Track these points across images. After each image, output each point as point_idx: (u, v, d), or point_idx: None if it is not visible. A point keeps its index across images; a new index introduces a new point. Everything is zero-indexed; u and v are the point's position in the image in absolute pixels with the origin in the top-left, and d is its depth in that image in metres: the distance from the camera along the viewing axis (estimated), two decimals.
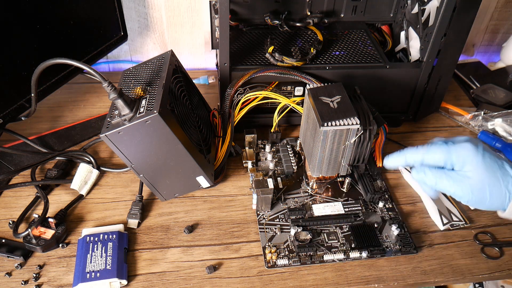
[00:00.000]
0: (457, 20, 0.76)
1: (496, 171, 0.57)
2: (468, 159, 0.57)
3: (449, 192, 0.59)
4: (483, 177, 0.57)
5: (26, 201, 0.72)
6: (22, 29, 0.70)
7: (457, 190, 0.58)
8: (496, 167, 0.57)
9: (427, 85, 0.85)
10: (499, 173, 0.57)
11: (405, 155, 0.62)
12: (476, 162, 0.57)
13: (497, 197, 0.57)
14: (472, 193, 0.57)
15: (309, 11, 0.92)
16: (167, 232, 0.69)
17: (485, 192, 0.57)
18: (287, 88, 0.83)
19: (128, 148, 0.62)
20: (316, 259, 0.65)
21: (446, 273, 0.65)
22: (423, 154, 0.60)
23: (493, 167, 0.57)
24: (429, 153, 0.60)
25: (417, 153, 0.61)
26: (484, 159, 0.57)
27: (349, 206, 0.73)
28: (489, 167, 0.57)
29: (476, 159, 0.57)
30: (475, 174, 0.57)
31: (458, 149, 0.58)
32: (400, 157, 0.63)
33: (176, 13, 1.00)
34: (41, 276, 0.62)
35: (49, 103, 0.93)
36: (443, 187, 0.59)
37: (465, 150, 0.58)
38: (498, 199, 0.57)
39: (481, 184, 0.57)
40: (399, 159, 0.63)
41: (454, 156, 0.58)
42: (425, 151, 0.60)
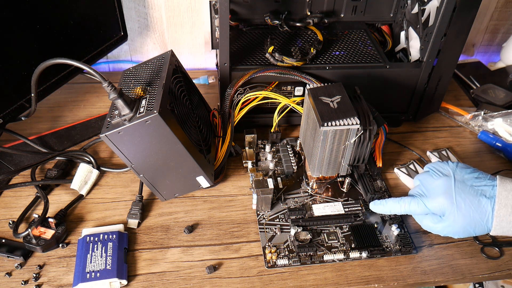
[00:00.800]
0: (457, 20, 0.76)
1: (474, 216, 0.62)
2: (446, 211, 0.63)
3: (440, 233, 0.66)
4: (463, 224, 0.62)
5: (26, 201, 0.72)
6: (22, 29, 0.70)
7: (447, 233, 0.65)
8: (473, 211, 0.62)
9: (427, 85, 0.85)
10: (477, 215, 0.62)
11: (389, 208, 0.69)
12: (453, 214, 0.63)
13: (480, 231, 0.63)
14: (458, 234, 0.65)
15: (309, 11, 0.92)
16: (167, 232, 0.69)
17: (469, 232, 0.64)
18: (287, 88, 0.83)
19: (128, 148, 0.62)
20: (316, 259, 0.65)
21: (446, 273, 0.65)
22: (405, 209, 0.67)
23: (469, 213, 0.62)
24: (410, 209, 0.66)
25: (399, 207, 0.67)
26: (459, 209, 0.62)
27: (349, 206, 0.73)
28: (466, 215, 0.62)
29: (452, 211, 0.63)
30: (456, 223, 0.63)
31: (434, 204, 0.64)
32: (384, 209, 0.69)
33: (176, 13, 1.00)
34: (41, 276, 0.62)
35: (49, 103, 0.93)
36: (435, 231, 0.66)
37: (440, 204, 0.64)
38: (482, 231, 0.64)
39: (464, 229, 0.63)
40: (384, 210, 0.69)
41: (432, 210, 0.65)
42: (406, 206, 0.67)
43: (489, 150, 0.88)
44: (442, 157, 0.84)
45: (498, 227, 0.61)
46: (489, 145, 0.88)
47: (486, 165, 0.84)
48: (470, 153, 0.87)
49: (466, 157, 0.86)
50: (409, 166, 0.81)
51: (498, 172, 0.81)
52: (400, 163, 0.83)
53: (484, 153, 0.87)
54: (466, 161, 0.84)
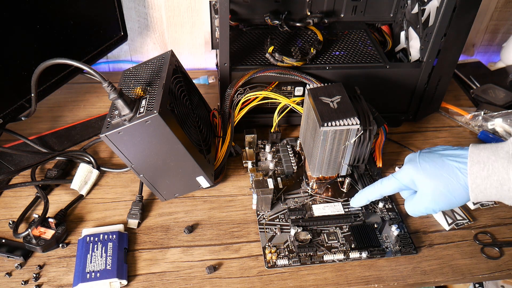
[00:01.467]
0: (457, 20, 0.76)
1: (441, 173, 0.60)
2: (414, 177, 0.62)
3: (423, 210, 0.63)
4: (434, 185, 0.60)
5: (26, 201, 0.72)
6: (22, 29, 0.70)
7: (427, 207, 0.62)
8: (439, 169, 0.60)
9: (427, 85, 0.85)
10: (445, 172, 0.59)
11: (365, 195, 0.69)
12: (420, 178, 0.61)
13: (458, 193, 0.59)
14: (437, 203, 0.61)
15: (309, 11, 0.92)
16: (167, 232, 0.69)
17: (446, 195, 0.60)
18: (287, 88, 0.83)
19: (128, 148, 0.62)
20: (316, 259, 0.65)
21: (446, 273, 0.65)
22: (379, 189, 0.67)
23: (436, 171, 0.60)
24: (383, 187, 0.66)
25: (374, 190, 0.67)
26: (425, 170, 0.61)
27: (349, 206, 0.73)
28: (433, 174, 0.60)
29: (418, 174, 0.61)
30: (427, 187, 0.61)
31: (402, 174, 0.63)
32: (362, 197, 0.69)
33: (176, 13, 1.00)
34: (41, 276, 0.62)
35: (49, 103, 0.93)
36: (417, 210, 0.64)
37: (406, 171, 0.63)
38: (461, 194, 0.59)
39: (438, 190, 0.60)
40: (361, 199, 0.69)
41: (402, 181, 0.63)
42: (379, 186, 0.67)
43: None
44: None
45: (474, 186, 0.57)
46: None
47: None
48: None
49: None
50: None
51: None
52: (400, 163, 0.83)
53: None
54: None
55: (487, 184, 0.56)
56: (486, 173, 0.56)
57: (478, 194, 0.58)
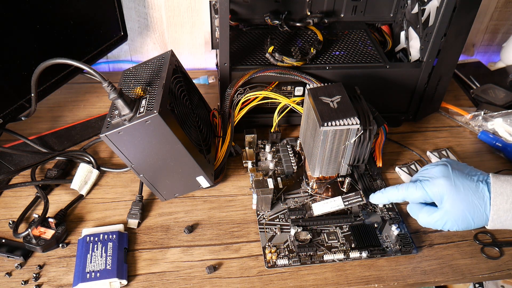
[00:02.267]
0: (457, 20, 0.76)
1: (472, 199, 0.61)
2: (445, 196, 0.62)
3: (439, 227, 0.64)
4: (462, 208, 0.61)
5: (26, 201, 0.72)
6: (22, 29, 0.70)
7: (445, 225, 0.63)
8: (471, 194, 0.61)
9: (427, 85, 0.85)
10: (476, 199, 0.61)
11: (387, 196, 0.68)
12: (452, 197, 0.61)
13: (479, 220, 0.62)
14: (457, 224, 0.62)
15: (309, 11, 0.92)
16: (167, 232, 0.69)
17: (468, 219, 0.62)
18: (287, 88, 0.83)
19: (128, 148, 0.62)
20: (316, 259, 0.65)
21: (446, 273, 0.65)
22: (403, 194, 0.66)
23: (468, 196, 0.61)
24: (408, 194, 0.66)
25: (397, 193, 0.67)
26: (458, 191, 0.61)
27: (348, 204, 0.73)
28: (465, 198, 0.61)
29: (451, 193, 0.61)
30: (455, 208, 0.61)
31: (433, 188, 0.63)
32: (383, 197, 0.69)
33: (176, 13, 1.00)
34: (41, 276, 0.62)
35: (49, 103, 0.93)
36: (432, 224, 0.65)
37: (439, 187, 0.62)
38: (481, 221, 0.62)
39: (463, 215, 0.61)
40: (382, 199, 0.69)
41: (431, 194, 0.63)
42: (404, 191, 0.66)
43: (489, 150, 0.88)
44: (442, 157, 0.84)
45: (495, 216, 0.59)
46: (489, 145, 0.88)
47: (486, 165, 0.84)
48: (470, 153, 0.87)
49: (466, 157, 0.86)
50: (410, 166, 0.81)
51: (498, 172, 0.81)
52: (400, 163, 0.83)
53: (484, 153, 0.87)
54: (466, 161, 0.84)
55: (508, 216, 0.59)
56: (509, 206, 0.58)
57: (497, 224, 0.60)
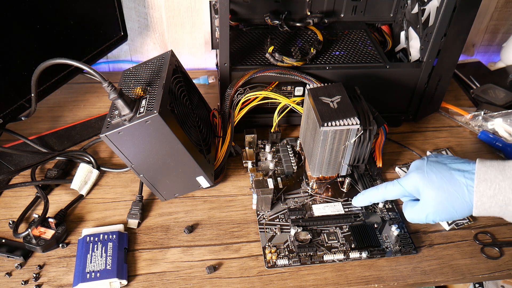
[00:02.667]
0: (457, 20, 0.76)
1: (447, 188, 0.60)
2: (419, 188, 0.62)
3: (423, 219, 0.63)
4: (439, 198, 0.60)
5: (26, 201, 0.72)
6: (22, 29, 0.70)
7: (428, 216, 0.62)
8: (446, 183, 0.60)
9: (427, 85, 0.85)
10: (451, 187, 0.59)
11: (368, 197, 0.69)
12: (425, 188, 0.61)
13: (461, 208, 0.60)
14: (439, 215, 0.61)
15: (309, 11, 0.92)
16: (167, 232, 0.69)
17: (448, 208, 0.60)
18: (287, 88, 0.83)
19: (128, 148, 0.62)
20: (316, 259, 0.65)
21: (446, 273, 0.65)
22: (382, 193, 0.67)
23: (443, 185, 0.60)
24: (387, 191, 0.66)
25: (377, 192, 0.68)
26: (431, 181, 0.60)
27: (349, 206, 0.73)
28: (440, 187, 0.60)
29: (424, 184, 0.61)
30: (431, 199, 0.61)
31: (407, 181, 0.63)
32: (364, 199, 0.70)
33: (176, 13, 1.00)
34: (41, 276, 0.62)
35: (49, 103, 0.93)
36: (417, 218, 0.64)
37: (412, 179, 0.63)
38: (464, 209, 0.60)
39: (441, 204, 0.60)
40: (364, 200, 0.70)
41: (407, 188, 0.64)
42: (383, 190, 0.67)
43: (489, 150, 0.88)
44: None
45: (479, 203, 0.57)
46: (489, 145, 0.88)
47: None
48: (470, 153, 0.87)
49: (466, 157, 0.85)
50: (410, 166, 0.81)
51: None
52: (400, 163, 0.83)
53: (484, 153, 0.87)
54: None
55: (492, 202, 0.57)
56: (492, 192, 0.56)
57: (481, 211, 0.58)
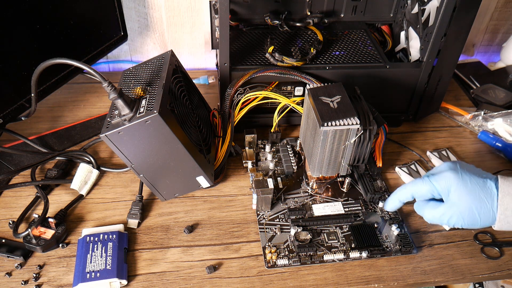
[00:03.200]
0: (457, 20, 0.76)
1: (479, 193, 0.60)
2: (451, 188, 0.61)
3: (445, 221, 0.63)
4: (469, 202, 0.60)
5: (26, 201, 0.72)
6: (22, 29, 0.70)
7: (450, 218, 0.62)
8: (479, 189, 0.60)
9: (427, 85, 0.85)
10: (483, 194, 0.60)
11: (398, 197, 0.68)
12: (458, 189, 0.61)
13: (485, 217, 0.60)
14: (463, 219, 0.61)
15: (309, 11, 0.92)
16: (167, 232, 0.69)
17: (474, 215, 0.61)
18: (287, 88, 0.83)
19: (128, 148, 0.62)
20: (316, 259, 0.65)
21: (446, 273, 0.65)
22: (411, 190, 0.66)
23: (475, 190, 0.60)
24: (416, 190, 0.65)
25: (405, 191, 0.66)
26: (465, 184, 0.61)
27: (349, 206, 0.73)
28: (472, 191, 0.60)
29: (458, 185, 0.61)
30: (461, 201, 0.60)
31: (440, 180, 0.63)
32: (394, 200, 0.68)
33: (176, 13, 1.00)
34: (41, 276, 0.62)
35: (49, 103, 0.93)
36: (438, 219, 0.64)
37: (447, 178, 0.62)
38: (488, 219, 0.61)
39: (469, 208, 0.60)
40: (395, 201, 0.69)
41: (438, 187, 0.63)
42: (412, 187, 0.66)
43: (489, 150, 0.88)
44: (442, 157, 0.84)
45: (502, 216, 0.59)
46: (489, 145, 0.88)
47: (486, 165, 0.84)
48: (470, 153, 0.87)
49: (466, 157, 0.86)
50: (410, 166, 0.81)
51: (498, 172, 0.81)
52: (400, 163, 0.83)
53: (484, 153, 0.87)
54: (466, 161, 0.84)
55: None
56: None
57: (504, 224, 0.59)
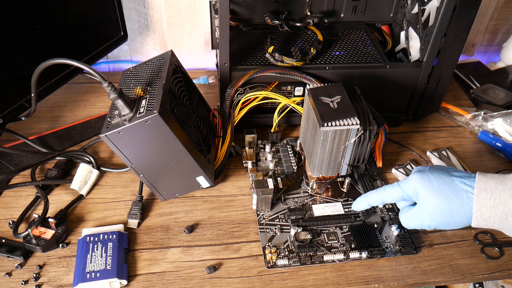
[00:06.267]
0: (457, 20, 0.76)
1: (447, 192, 0.59)
2: (418, 189, 0.61)
3: (419, 223, 0.62)
4: (437, 201, 0.59)
5: (26, 201, 0.72)
6: (22, 29, 0.70)
7: (423, 222, 0.61)
8: (446, 187, 0.59)
9: (427, 85, 0.85)
10: (451, 192, 0.58)
11: (367, 200, 0.67)
12: (424, 189, 0.60)
13: (459, 215, 0.58)
14: (434, 220, 0.60)
15: (309, 11, 0.92)
16: (167, 232, 0.69)
17: (445, 214, 0.59)
18: (287, 88, 0.83)
19: (128, 148, 0.62)
20: (316, 259, 0.65)
21: (446, 273, 0.65)
22: (381, 195, 0.65)
23: (442, 189, 0.59)
24: (386, 194, 0.65)
25: (376, 195, 0.66)
26: (431, 184, 0.60)
27: (349, 206, 0.73)
28: (439, 190, 0.59)
29: (423, 185, 0.60)
30: (428, 200, 0.60)
31: (407, 183, 0.62)
32: (363, 201, 0.68)
33: (176, 13, 1.00)
34: (41, 276, 0.62)
35: (49, 103, 0.93)
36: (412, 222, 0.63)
37: (412, 181, 0.62)
38: (462, 217, 0.58)
39: (438, 208, 0.59)
40: (363, 203, 0.68)
41: (406, 190, 0.63)
42: (382, 192, 0.65)
43: (489, 150, 0.88)
44: (442, 157, 0.84)
45: (478, 213, 0.57)
46: (489, 145, 0.88)
47: (486, 165, 0.84)
48: (470, 153, 0.87)
49: (466, 157, 0.86)
50: (406, 166, 0.81)
51: (498, 172, 0.81)
52: (400, 163, 0.83)
53: (484, 153, 0.87)
54: (466, 161, 0.84)
55: (492, 213, 0.56)
56: (492, 202, 0.56)
57: (481, 221, 0.57)
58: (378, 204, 0.68)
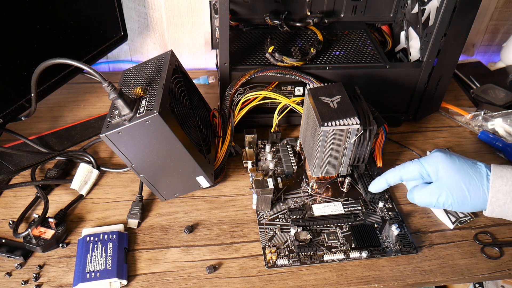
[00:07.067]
0: (457, 20, 0.76)
1: (468, 170, 0.61)
2: (440, 165, 0.62)
3: (434, 200, 0.63)
4: (458, 177, 0.61)
5: (26, 201, 0.72)
6: (22, 29, 0.70)
7: (440, 197, 0.62)
8: (467, 166, 0.61)
9: (427, 85, 0.85)
10: (472, 171, 0.61)
11: (385, 178, 0.68)
12: (447, 165, 0.62)
13: (476, 195, 0.60)
14: (452, 196, 0.61)
15: (309, 11, 0.92)
16: (167, 232, 0.69)
17: (463, 191, 0.61)
18: (287, 88, 0.83)
19: (128, 148, 0.62)
20: (316, 259, 0.65)
21: (446, 273, 0.65)
22: (400, 172, 0.66)
23: (464, 167, 0.61)
24: (405, 170, 0.66)
25: (394, 172, 0.67)
26: (453, 161, 0.62)
27: (349, 206, 0.73)
28: (461, 168, 0.61)
29: (446, 162, 0.62)
30: (449, 177, 0.61)
31: (429, 159, 0.64)
32: (381, 180, 0.69)
33: (176, 13, 1.00)
34: (41, 276, 0.62)
35: (49, 103, 0.93)
36: (427, 199, 0.64)
37: (435, 157, 0.64)
38: (478, 198, 0.61)
39: (458, 184, 0.61)
40: (381, 182, 0.69)
41: (427, 167, 0.64)
42: (401, 169, 0.66)
43: (489, 150, 0.88)
44: None
45: (494, 199, 0.59)
46: (489, 145, 0.88)
47: None
48: (470, 153, 0.87)
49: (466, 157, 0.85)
50: None
51: None
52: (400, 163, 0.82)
53: (484, 153, 0.87)
54: None
55: (507, 199, 0.58)
56: (508, 188, 0.58)
57: (495, 208, 0.59)
58: (396, 182, 0.68)
